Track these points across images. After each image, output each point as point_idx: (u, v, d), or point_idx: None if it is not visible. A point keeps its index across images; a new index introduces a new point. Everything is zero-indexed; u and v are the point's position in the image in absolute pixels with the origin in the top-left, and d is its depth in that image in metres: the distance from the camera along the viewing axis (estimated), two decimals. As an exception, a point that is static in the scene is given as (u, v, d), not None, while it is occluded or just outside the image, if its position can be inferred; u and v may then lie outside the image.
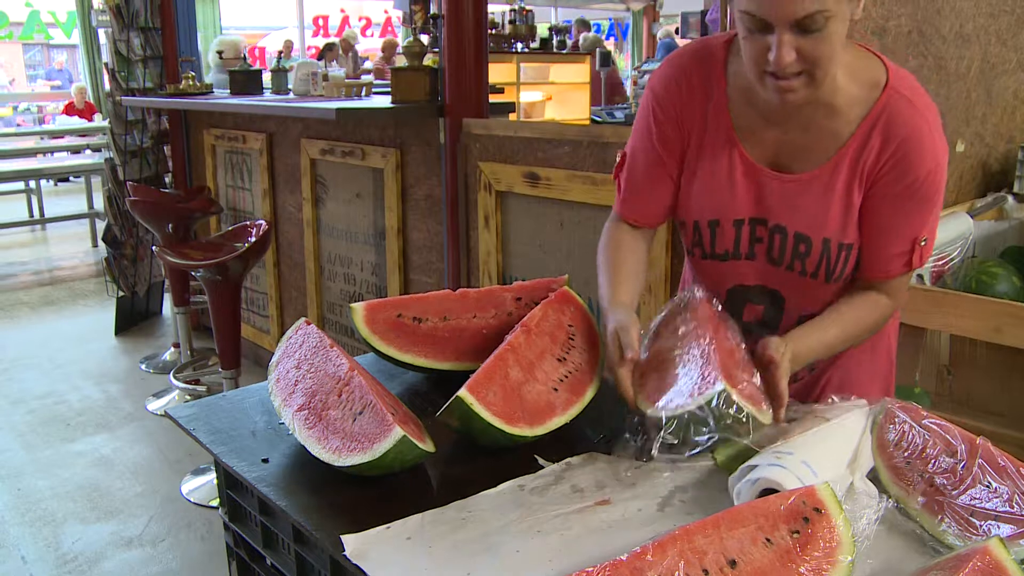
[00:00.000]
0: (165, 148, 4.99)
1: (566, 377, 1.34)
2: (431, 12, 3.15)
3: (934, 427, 1.22)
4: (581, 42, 8.81)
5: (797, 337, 1.36)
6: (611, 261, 1.51)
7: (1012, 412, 2.50)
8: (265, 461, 1.23)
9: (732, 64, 1.43)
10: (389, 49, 9.48)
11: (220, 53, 5.33)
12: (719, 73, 1.44)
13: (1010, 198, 3.20)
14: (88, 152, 8.75)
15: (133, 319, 5.25)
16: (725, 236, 1.46)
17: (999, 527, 1.05)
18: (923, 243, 1.41)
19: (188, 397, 3.94)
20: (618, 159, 1.58)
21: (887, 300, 1.46)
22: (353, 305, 1.45)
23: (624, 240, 1.54)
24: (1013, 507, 1.07)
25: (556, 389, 1.31)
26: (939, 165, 1.38)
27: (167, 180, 4.98)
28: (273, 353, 1.38)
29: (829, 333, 1.41)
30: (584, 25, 9.73)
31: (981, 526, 1.05)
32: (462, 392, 1.20)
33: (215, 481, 1.56)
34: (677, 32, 11.65)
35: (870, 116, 1.36)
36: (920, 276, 2.80)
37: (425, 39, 3.25)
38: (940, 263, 2.84)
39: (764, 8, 1.22)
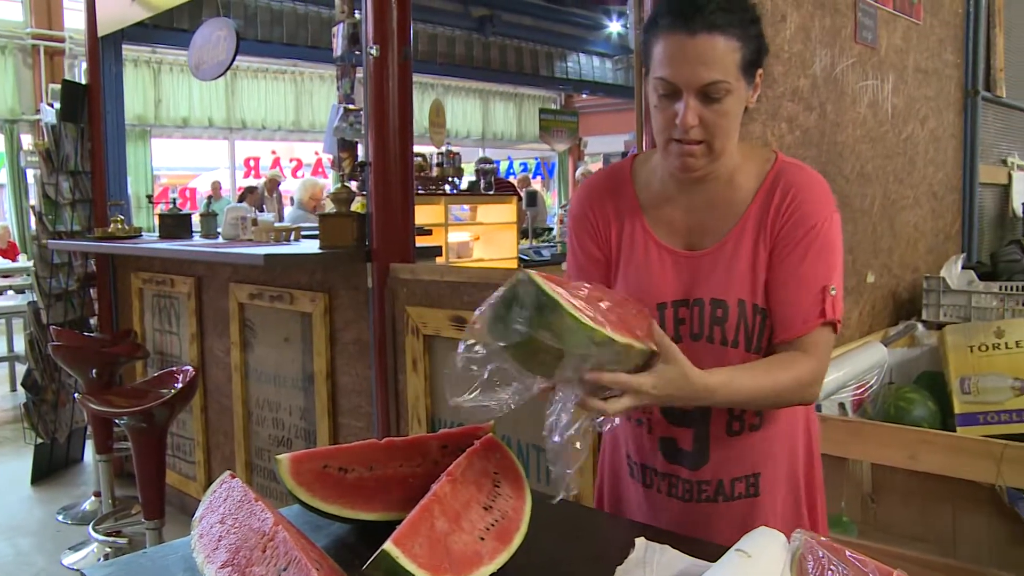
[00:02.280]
0: (91, 291, 4.95)
1: (492, 525, 1.35)
2: (359, 159, 3.23)
3: (853, 561, 1.24)
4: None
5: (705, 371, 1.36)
6: None
7: (934, 538, 2.55)
8: (187, 622, 1.21)
9: (639, 171, 1.61)
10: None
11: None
12: (627, 179, 1.60)
13: (920, 325, 3.33)
14: (10, 293, 8.61)
15: (52, 467, 5.07)
16: None
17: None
18: (832, 292, 1.46)
19: (108, 549, 3.80)
20: None
21: (805, 357, 1.46)
22: (279, 457, 1.45)
23: None
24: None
25: (483, 538, 1.32)
26: (834, 215, 1.49)
27: (92, 323, 4.93)
28: (199, 502, 1.37)
29: (739, 373, 1.41)
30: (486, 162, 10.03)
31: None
32: (387, 545, 1.21)
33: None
34: (600, 172, 12.03)
35: (765, 183, 1.51)
36: (842, 405, 2.88)
37: (353, 185, 3.33)
38: (859, 391, 2.94)
39: (674, 74, 1.39)
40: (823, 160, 2.96)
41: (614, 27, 12.51)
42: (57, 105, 4.86)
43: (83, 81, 4.97)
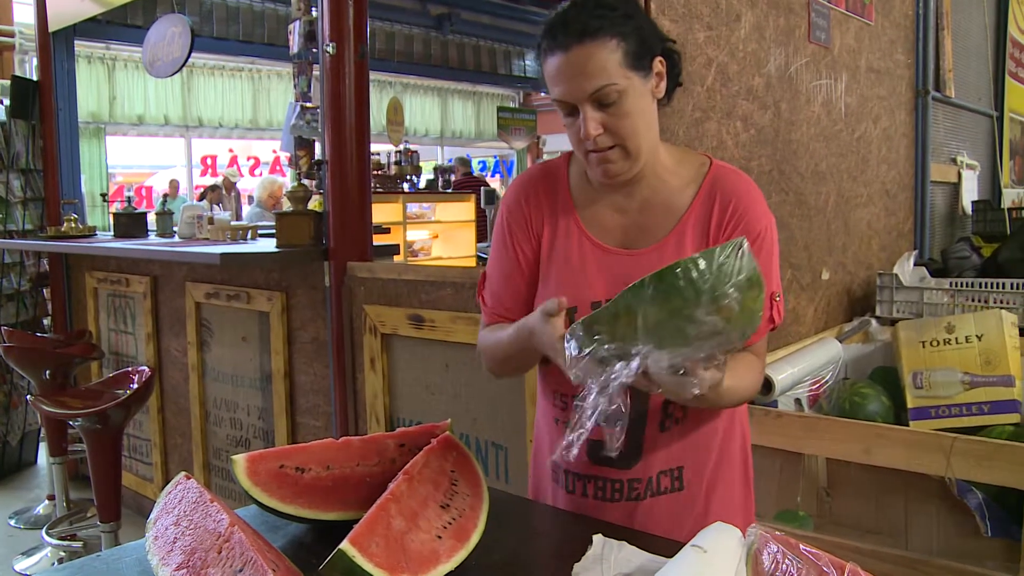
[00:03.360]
0: (44, 291, 4.87)
1: (450, 524, 1.35)
2: (316, 158, 3.21)
3: (807, 555, 1.26)
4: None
5: None
6: (500, 334, 1.56)
7: (888, 530, 2.59)
8: (141, 625, 1.20)
9: (573, 169, 1.60)
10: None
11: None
12: (562, 177, 1.60)
13: (873, 321, 3.39)
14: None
15: (4, 471, 4.99)
16: None
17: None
18: (777, 298, 1.49)
19: (63, 554, 3.74)
20: (479, 279, 1.68)
21: (758, 360, 1.52)
22: (234, 457, 1.44)
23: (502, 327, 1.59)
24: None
25: (440, 536, 1.32)
26: (772, 223, 1.52)
27: (46, 324, 4.85)
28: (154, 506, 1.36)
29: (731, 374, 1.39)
30: (464, 164, 10.04)
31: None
32: (344, 545, 1.20)
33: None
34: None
35: (703, 188, 1.51)
36: (798, 401, 2.92)
37: (311, 183, 3.31)
38: (815, 387, 2.98)
39: (563, 91, 1.41)
40: (778, 158, 2.99)
41: (573, 25, 12.51)
42: (6, 102, 4.78)
43: (34, 77, 4.90)
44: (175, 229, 4.31)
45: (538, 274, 1.59)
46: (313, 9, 3.18)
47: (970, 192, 4.62)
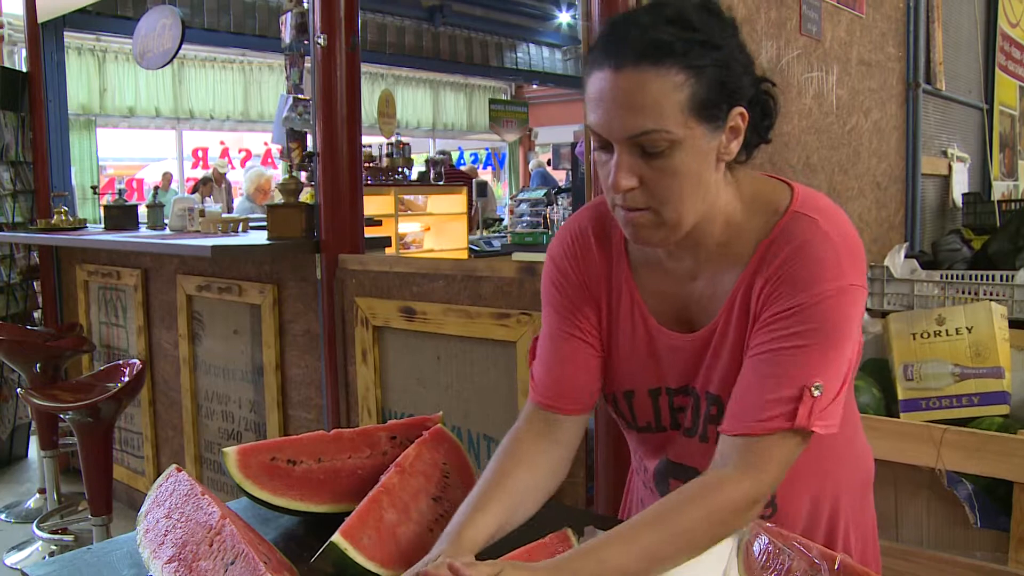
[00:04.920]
0: (34, 284, 4.86)
1: (442, 516, 1.35)
2: (307, 150, 3.21)
3: (798, 547, 1.26)
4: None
5: (576, 555, 1.06)
6: (485, 476, 1.26)
7: (879, 521, 2.60)
8: (133, 618, 1.20)
9: None
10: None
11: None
12: (618, 231, 1.27)
13: (865, 313, 3.39)
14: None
15: (-6, 464, 4.99)
16: (643, 408, 1.31)
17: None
18: (816, 391, 1.09)
19: (54, 547, 3.74)
20: (530, 347, 1.39)
21: (743, 474, 1.09)
22: (226, 450, 1.44)
23: (520, 447, 1.28)
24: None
25: (432, 529, 1.32)
26: (843, 290, 1.10)
27: (36, 317, 4.84)
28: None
29: (637, 542, 1.07)
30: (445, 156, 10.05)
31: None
32: (336, 537, 1.21)
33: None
34: (549, 163, 12.10)
35: (762, 245, 1.16)
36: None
37: (303, 176, 3.30)
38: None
39: (599, 121, 1.09)
40: (769, 151, 2.99)
41: (564, 17, 12.52)
42: (-5, 93, 4.76)
43: (23, 68, 4.87)
44: (166, 221, 4.29)
45: (602, 341, 1.32)
46: (304, 1, 3.16)
47: (960, 184, 4.63)
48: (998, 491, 2.30)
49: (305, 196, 3.26)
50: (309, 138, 3.22)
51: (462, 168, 10.99)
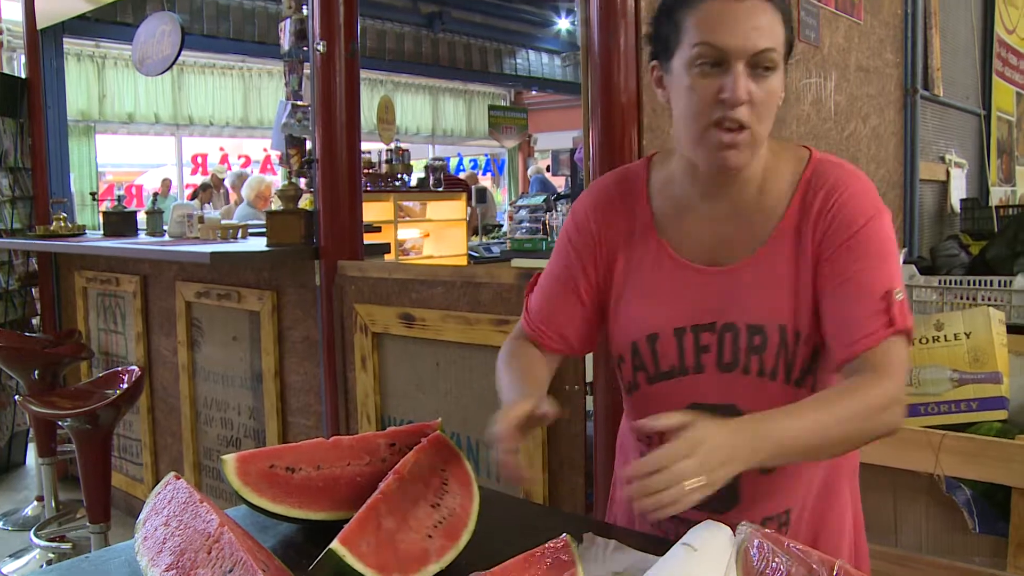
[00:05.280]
0: (33, 290, 4.85)
1: (440, 523, 1.35)
2: (307, 156, 3.21)
3: (796, 552, 1.26)
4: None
5: (755, 419, 1.16)
6: (515, 367, 1.44)
7: (877, 527, 2.59)
8: (131, 626, 1.20)
9: (656, 174, 1.43)
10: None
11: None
12: (641, 187, 1.42)
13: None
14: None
15: (-8, 472, 4.98)
16: (667, 350, 1.37)
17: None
18: (898, 296, 1.24)
19: (51, 555, 3.73)
20: (530, 280, 1.55)
21: (875, 377, 1.21)
22: (224, 457, 1.44)
23: (528, 352, 1.47)
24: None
25: (431, 536, 1.32)
26: (881, 212, 1.31)
27: (35, 323, 4.83)
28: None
29: (804, 418, 1.17)
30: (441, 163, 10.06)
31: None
32: (334, 544, 1.21)
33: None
34: (548, 169, 12.09)
35: (800, 186, 1.33)
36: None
37: (302, 182, 3.30)
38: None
39: (725, 37, 1.22)
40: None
41: (563, 24, 12.55)
42: (-6, 99, 4.77)
43: (22, 75, 4.88)
44: (165, 228, 4.30)
45: (597, 302, 1.45)
46: (304, 7, 3.17)
47: (958, 190, 4.64)
48: (996, 496, 2.30)
49: (304, 202, 3.26)
50: (308, 144, 3.23)
51: (461, 175, 10.99)
